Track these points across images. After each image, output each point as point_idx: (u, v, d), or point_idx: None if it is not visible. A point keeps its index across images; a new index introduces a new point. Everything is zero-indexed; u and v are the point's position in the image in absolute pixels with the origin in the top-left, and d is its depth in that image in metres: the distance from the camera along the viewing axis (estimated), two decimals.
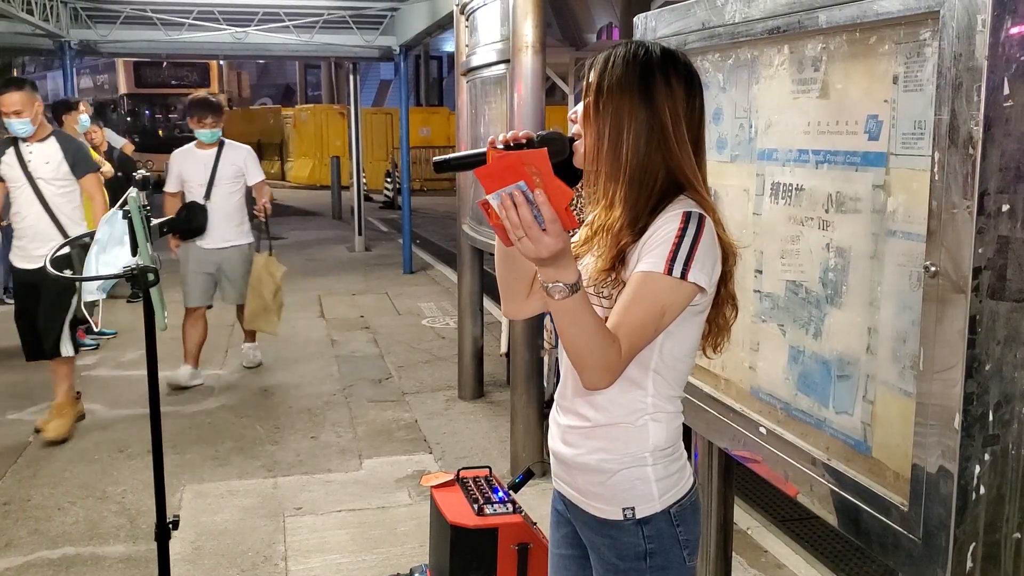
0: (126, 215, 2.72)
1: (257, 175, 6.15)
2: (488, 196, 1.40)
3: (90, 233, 4.88)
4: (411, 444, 4.99)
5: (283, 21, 10.99)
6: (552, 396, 1.89)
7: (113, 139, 8.22)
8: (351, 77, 12.85)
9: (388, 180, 19.87)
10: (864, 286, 1.84)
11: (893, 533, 1.71)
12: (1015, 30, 1.44)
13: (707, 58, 2.39)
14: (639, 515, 1.68)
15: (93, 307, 3.81)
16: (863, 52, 1.81)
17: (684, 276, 1.54)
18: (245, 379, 6.25)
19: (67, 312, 4.91)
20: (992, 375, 1.52)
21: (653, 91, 1.60)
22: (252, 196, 6.21)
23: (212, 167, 5.91)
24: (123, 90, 26.49)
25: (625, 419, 1.67)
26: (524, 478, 3.26)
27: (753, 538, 3.83)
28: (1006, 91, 1.45)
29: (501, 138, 1.56)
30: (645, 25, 2.65)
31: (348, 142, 13.99)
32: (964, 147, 1.49)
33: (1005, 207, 1.48)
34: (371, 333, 7.66)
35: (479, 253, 5.79)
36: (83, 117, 7.09)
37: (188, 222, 5.84)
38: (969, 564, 1.57)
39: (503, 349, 5.80)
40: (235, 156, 6.03)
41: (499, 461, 4.60)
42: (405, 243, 10.94)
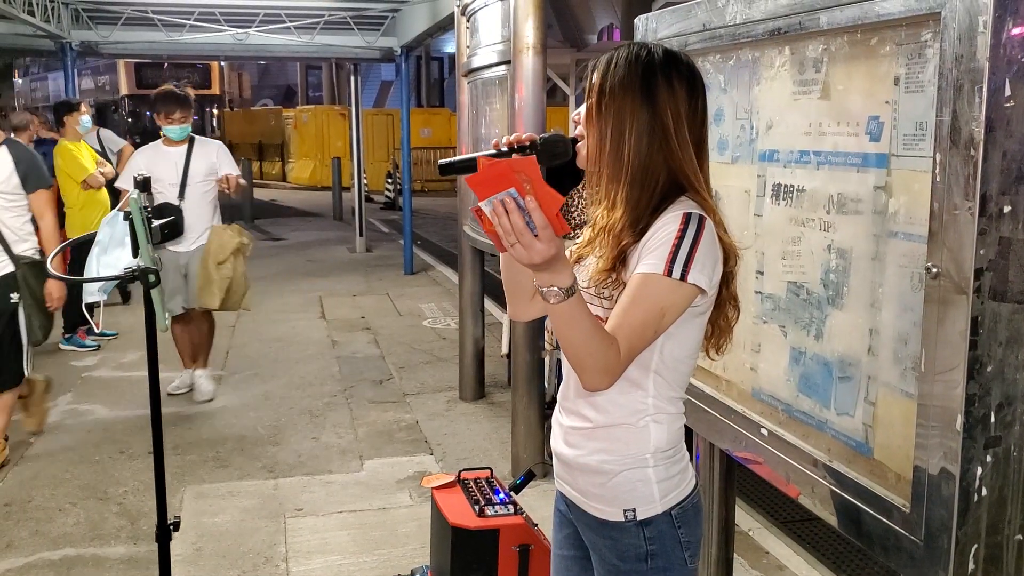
0: (127, 216, 2.72)
1: (231, 168, 5.60)
2: (481, 203, 1.42)
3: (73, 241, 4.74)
4: (412, 445, 4.99)
5: (284, 22, 11.00)
6: (553, 397, 1.89)
7: (113, 141, 8.22)
8: (352, 78, 12.86)
9: (389, 181, 19.89)
10: (865, 287, 1.84)
11: (895, 535, 1.71)
12: (1016, 31, 1.44)
13: (708, 59, 2.39)
14: (640, 516, 1.68)
15: (94, 308, 3.80)
16: (864, 53, 1.81)
17: (684, 277, 1.54)
18: (246, 380, 6.25)
19: (20, 336, 4.44)
20: (994, 376, 1.52)
21: (655, 92, 1.60)
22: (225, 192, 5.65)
23: (184, 166, 5.44)
24: (124, 91, 26.58)
25: (626, 420, 1.67)
26: (525, 479, 3.25)
27: (754, 539, 3.83)
28: (1007, 92, 1.45)
29: (505, 140, 1.56)
30: (646, 26, 2.65)
31: (349, 143, 14.01)
32: (966, 148, 1.49)
33: (1007, 208, 1.48)
34: (372, 334, 7.65)
35: (480, 254, 5.79)
36: (84, 118, 7.08)
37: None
38: (971, 566, 1.57)
39: (504, 350, 5.80)
40: (207, 152, 5.58)
41: (500, 462, 4.60)
42: (406, 244, 10.94)
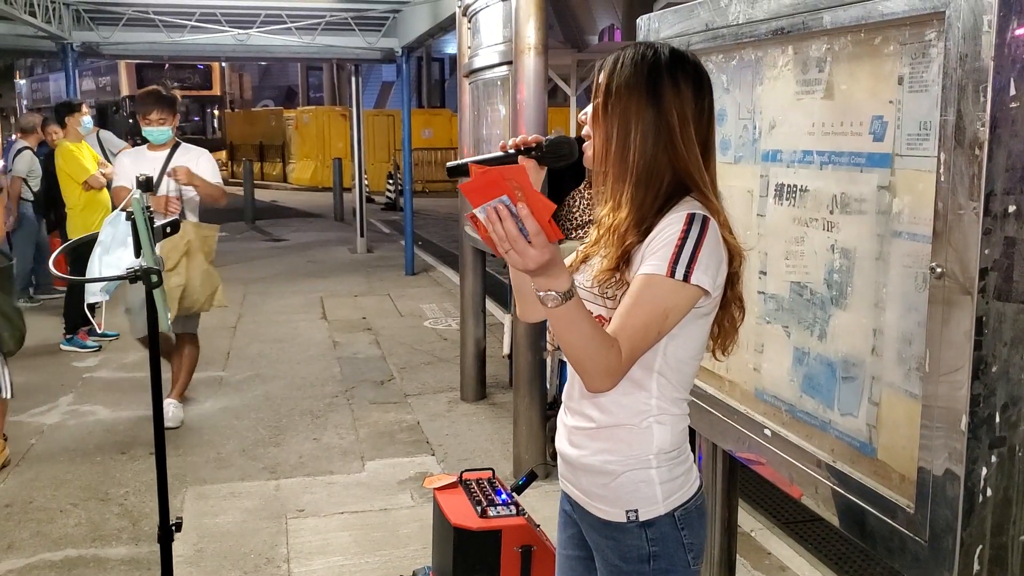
0: (129, 216, 2.71)
1: (211, 177, 5.12)
2: (475, 210, 1.44)
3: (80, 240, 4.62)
4: (413, 446, 4.99)
5: (285, 23, 11.01)
6: (555, 398, 1.89)
7: (113, 142, 8.22)
8: (353, 79, 12.88)
9: (390, 182, 19.91)
10: (869, 287, 1.84)
11: (899, 536, 1.70)
12: (1021, 31, 1.44)
13: (711, 59, 2.38)
14: (642, 517, 1.67)
15: (95, 309, 3.79)
16: (868, 53, 1.81)
17: (687, 278, 1.54)
18: (247, 381, 6.24)
19: None
20: (999, 377, 1.52)
21: (660, 92, 1.60)
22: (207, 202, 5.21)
23: (160, 171, 4.94)
24: (125, 92, 26.55)
25: (629, 421, 1.67)
26: (527, 480, 3.25)
27: (757, 540, 3.83)
28: (1012, 92, 1.45)
29: (511, 142, 1.57)
30: (648, 26, 2.64)
31: (350, 144, 14.02)
32: (970, 148, 1.49)
33: (1012, 208, 1.48)
34: (373, 335, 7.65)
35: (481, 255, 5.78)
36: (86, 119, 7.10)
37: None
38: (976, 567, 1.57)
39: (505, 351, 5.79)
40: (188, 159, 5.08)
41: (502, 463, 4.60)
42: (407, 245, 10.94)
